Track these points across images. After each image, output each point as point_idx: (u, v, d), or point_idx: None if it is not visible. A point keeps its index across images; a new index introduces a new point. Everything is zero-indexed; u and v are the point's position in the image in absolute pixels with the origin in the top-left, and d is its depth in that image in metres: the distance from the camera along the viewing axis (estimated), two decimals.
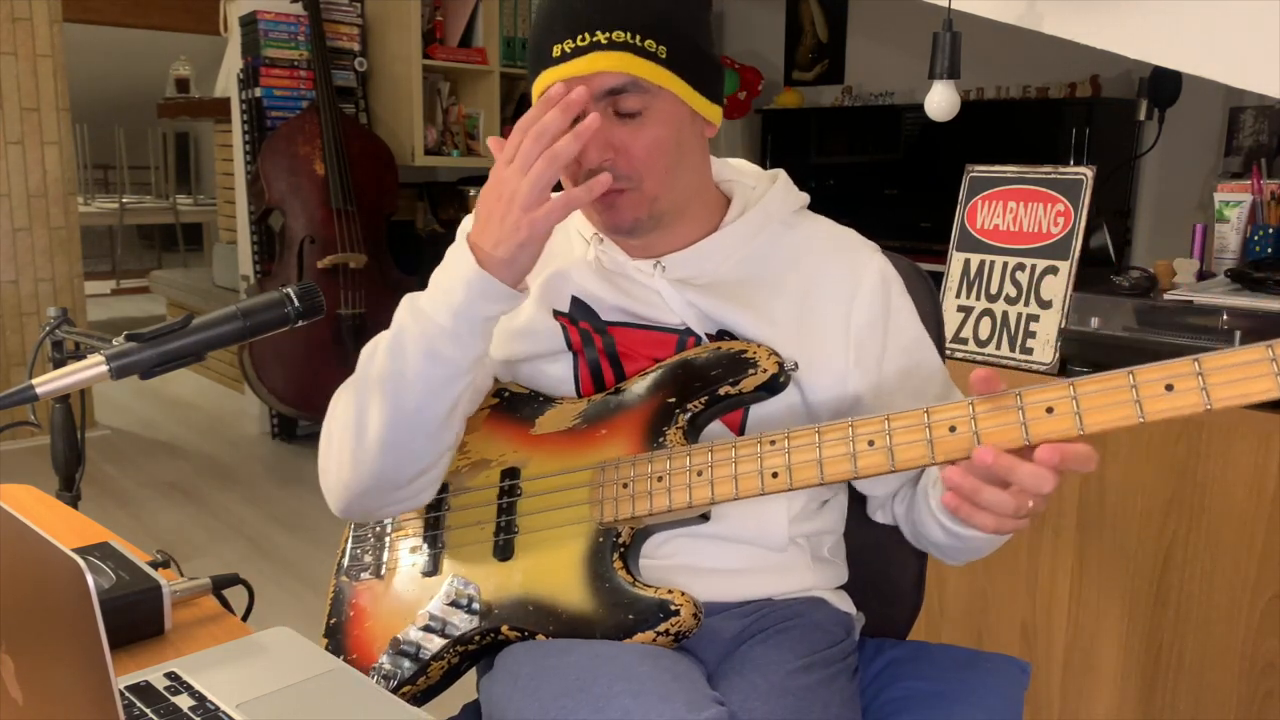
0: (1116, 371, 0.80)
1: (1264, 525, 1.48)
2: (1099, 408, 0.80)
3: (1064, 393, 0.81)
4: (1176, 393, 0.78)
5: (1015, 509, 0.83)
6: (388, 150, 3.88)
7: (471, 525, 1.05)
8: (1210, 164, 3.33)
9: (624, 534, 0.98)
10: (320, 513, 3.36)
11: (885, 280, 1.05)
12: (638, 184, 0.97)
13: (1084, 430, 0.81)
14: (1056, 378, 1.67)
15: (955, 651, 1.15)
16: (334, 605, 1.10)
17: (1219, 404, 0.76)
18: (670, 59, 0.95)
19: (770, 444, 0.93)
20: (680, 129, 0.98)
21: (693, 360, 1.00)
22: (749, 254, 1.05)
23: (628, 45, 0.93)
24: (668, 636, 0.93)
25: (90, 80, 6.65)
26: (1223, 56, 1.63)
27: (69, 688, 0.54)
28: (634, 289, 1.05)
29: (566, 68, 0.94)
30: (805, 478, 0.91)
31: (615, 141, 0.96)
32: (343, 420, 0.99)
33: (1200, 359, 0.77)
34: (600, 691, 0.85)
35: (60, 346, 1.54)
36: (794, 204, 1.09)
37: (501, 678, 0.97)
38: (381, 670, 1.02)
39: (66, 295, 4.03)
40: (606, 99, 0.95)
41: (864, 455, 0.89)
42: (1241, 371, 0.75)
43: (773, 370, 0.97)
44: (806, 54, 4.44)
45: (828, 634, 1.03)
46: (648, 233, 1.02)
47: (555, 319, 1.07)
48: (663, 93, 0.96)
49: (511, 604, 0.99)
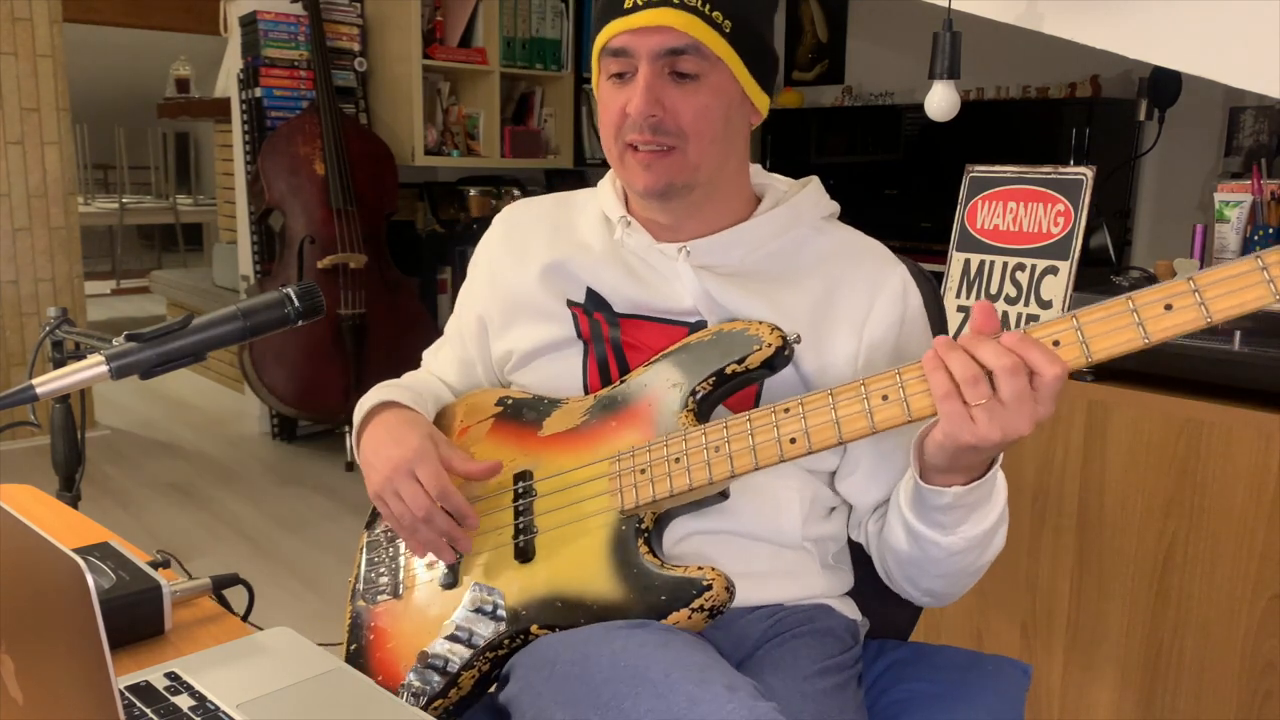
0: (1115, 299, 0.82)
1: (1264, 525, 1.48)
2: (1103, 334, 0.82)
3: (1068, 324, 0.83)
4: (1176, 310, 0.80)
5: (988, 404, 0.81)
6: (388, 150, 3.88)
7: (489, 532, 1.04)
8: (1210, 164, 3.33)
9: (646, 519, 0.97)
10: (320, 513, 3.36)
11: (906, 293, 1.05)
12: (683, 145, 0.99)
13: (1091, 358, 0.82)
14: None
15: (957, 653, 1.14)
16: (352, 631, 1.09)
17: (1218, 315, 0.78)
18: (733, 34, 0.97)
19: (785, 411, 0.92)
20: (730, 105, 1.00)
21: (696, 344, 1.00)
22: (774, 250, 1.06)
23: (696, 10, 0.96)
24: (702, 613, 0.91)
25: (90, 80, 6.65)
26: (1223, 56, 1.63)
27: (69, 688, 0.54)
28: (652, 277, 1.05)
29: (636, 18, 0.96)
30: (823, 439, 0.90)
31: (666, 101, 0.98)
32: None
33: (1194, 276, 0.79)
34: (658, 678, 0.82)
35: (60, 346, 1.54)
36: (824, 210, 1.10)
37: (534, 665, 0.92)
38: (411, 688, 1.00)
39: (66, 295, 4.03)
40: (666, 58, 0.97)
41: (879, 410, 0.88)
42: (1234, 283, 0.78)
43: (776, 344, 0.96)
44: (806, 54, 4.43)
45: (838, 641, 1.03)
46: (679, 199, 1.02)
47: (569, 309, 1.07)
48: (720, 64, 0.98)
49: (539, 603, 0.97)
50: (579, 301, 1.07)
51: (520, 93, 4.40)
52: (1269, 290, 0.77)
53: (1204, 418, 1.53)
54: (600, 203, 1.11)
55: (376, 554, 1.13)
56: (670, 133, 0.98)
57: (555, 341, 1.08)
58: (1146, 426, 1.59)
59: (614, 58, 0.99)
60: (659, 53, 0.96)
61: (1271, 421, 1.46)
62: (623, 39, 0.97)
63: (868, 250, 1.08)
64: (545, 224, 1.14)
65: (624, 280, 1.05)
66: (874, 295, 1.03)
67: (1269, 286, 0.77)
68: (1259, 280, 0.77)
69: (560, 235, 1.12)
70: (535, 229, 1.14)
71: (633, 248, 1.06)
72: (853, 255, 1.07)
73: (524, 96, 4.41)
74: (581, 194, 1.17)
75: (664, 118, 0.98)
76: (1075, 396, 1.65)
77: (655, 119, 0.97)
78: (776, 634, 1.01)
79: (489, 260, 1.16)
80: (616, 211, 1.08)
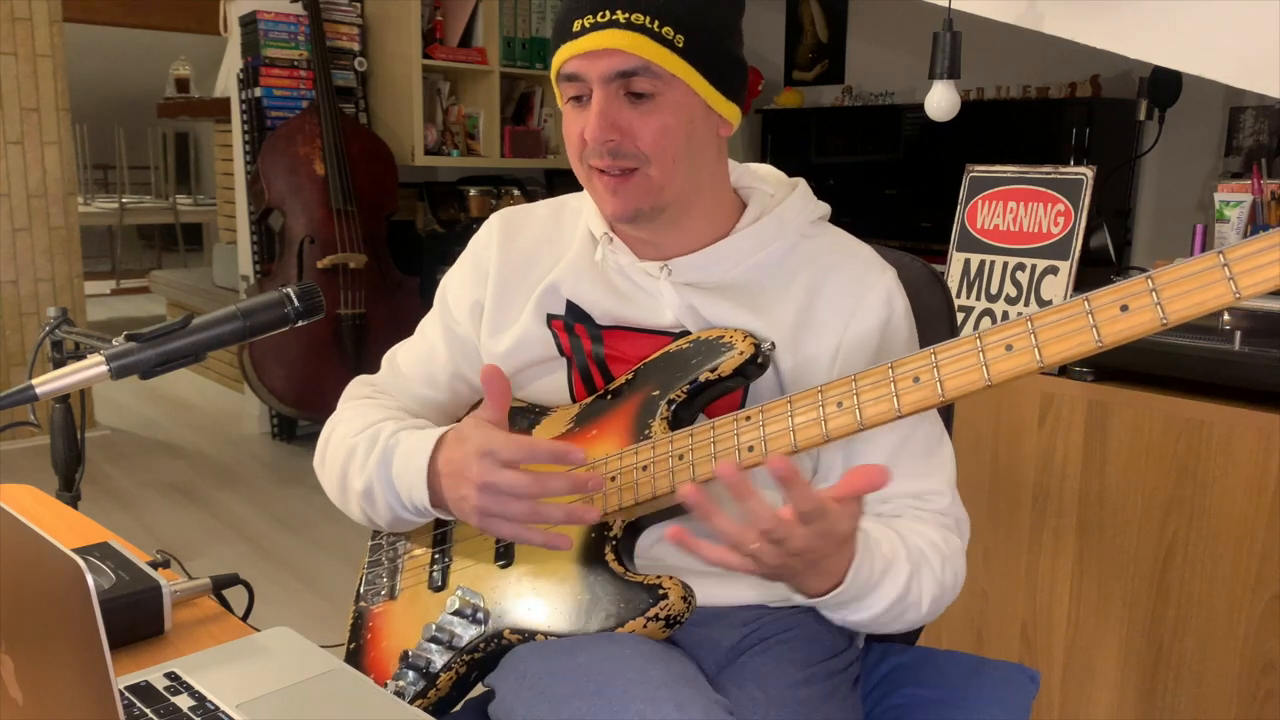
0: (1072, 299, 0.79)
1: (1264, 525, 1.48)
2: (1056, 338, 0.80)
3: (1021, 328, 0.81)
4: (1132, 312, 0.76)
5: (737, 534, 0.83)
6: (388, 150, 3.88)
7: (475, 536, 1.05)
8: (1210, 164, 3.33)
9: (615, 527, 0.98)
10: (320, 513, 3.36)
11: (890, 300, 1.03)
12: (644, 167, 0.97)
13: (1043, 362, 0.81)
14: (1057, 378, 1.67)
15: (962, 658, 1.12)
16: (353, 631, 1.10)
17: (1175, 317, 0.75)
18: (687, 49, 0.94)
19: (745, 420, 0.92)
20: (691, 121, 0.97)
21: (674, 353, 1.01)
22: (759, 261, 1.04)
23: (645, 29, 0.93)
24: (658, 621, 0.92)
25: (90, 80, 6.65)
26: (1223, 56, 1.63)
27: (69, 688, 0.54)
28: (634, 293, 1.05)
29: (584, 41, 0.94)
30: (779, 447, 0.90)
31: (622, 123, 0.95)
32: (333, 472, 1.10)
33: (1153, 274, 0.76)
34: (616, 695, 0.84)
35: (60, 346, 1.54)
36: (812, 214, 1.08)
37: (508, 677, 0.96)
38: (394, 687, 1.02)
39: (66, 295, 4.03)
40: (619, 80, 0.95)
41: (833, 417, 0.88)
42: (1194, 281, 0.74)
43: (749, 351, 0.96)
44: (806, 54, 4.43)
45: (828, 644, 1.02)
46: (650, 222, 1.01)
47: (549, 325, 1.07)
48: (675, 81, 0.95)
49: (512, 607, 0.99)
50: (559, 314, 1.06)
51: (520, 93, 4.40)
52: (1229, 289, 0.73)
53: (1204, 418, 1.53)
54: (585, 218, 1.10)
55: (378, 556, 1.14)
56: (630, 155, 0.96)
57: (538, 360, 1.07)
58: (1146, 426, 1.59)
59: (569, 82, 0.98)
60: (609, 76, 0.94)
61: (1271, 421, 1.46)
62: (574, 64, 0.96)
63: (854, 254, 1.07)
64: (540, 239, 1.12)
65: (606, 296, 1.05)
66: (858, 300, 1.02)
67: (1229, 284, 0.73)
68: (1219, 278, 0.73)
69: (550, 251, 1.11)
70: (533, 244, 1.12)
71: (615, 265, 1.06)
72: (839, 262, 1.05)
73: (524, 96, 4.41)
74: (569, 203, 1.15)
75: (622, 140, 0.96)
76: (1075, 396, 1.66)
77: (613, 143, 0.95)
78: (760, 640, 0.99)
79: (489, 256, 1.13)
80: (599, 228, 1.06)
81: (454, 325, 1.14)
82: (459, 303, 1.14)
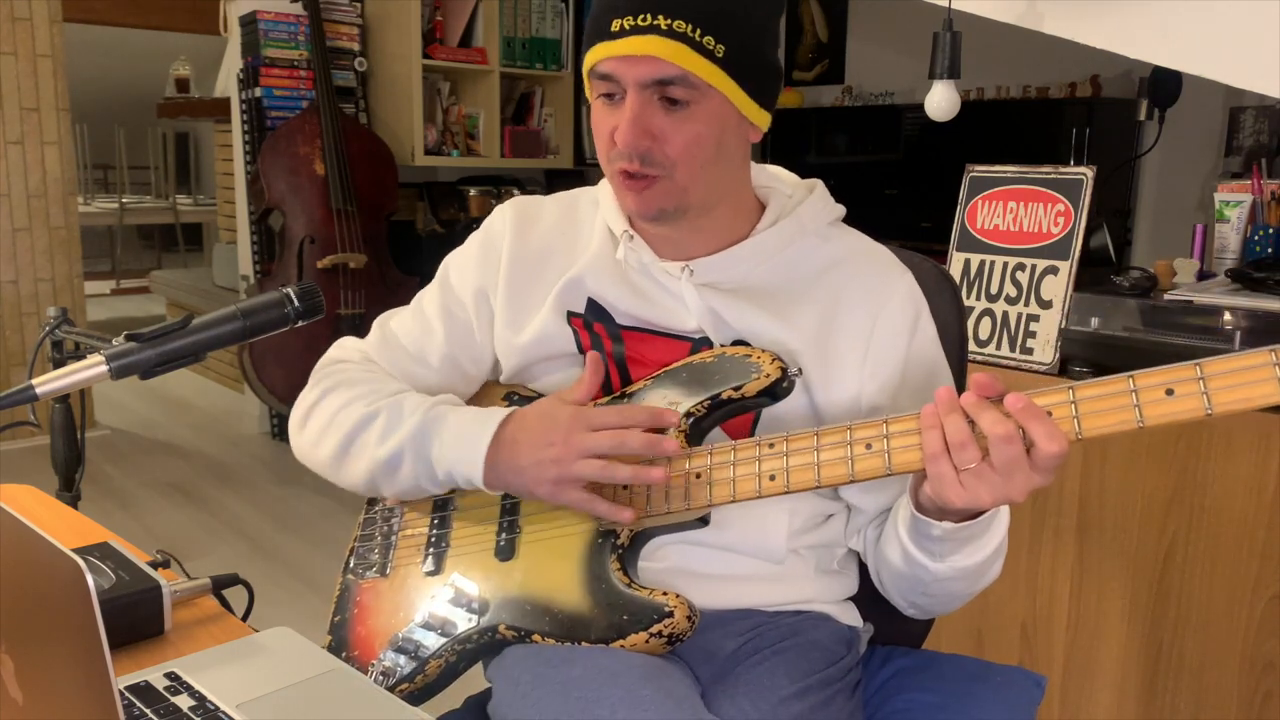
0: (1117, 376, 0.79)
1: (1264, 525, 1.48)
2: (1098, 412, 0.80)
3: (1063, 397, 0.81)
4: (1177, 398, 0.77)
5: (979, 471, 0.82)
6: (388, 150, 3.88)
7: (476, 525, 1.05)
8: (1210, 164, 3.33)
9: (623, 536, 0.97)
10: (320, 513, 3.36)
11: (913, 301, 1.04)
12: (670, 173, 0.96)
13: (1082, 435, 0.81)
14: (1057, 378, 1.67)
15: (966, 662, 1.11)
16: (339, 603, 1.10)
17: (1220, 409, 0.75)
18: (727, 59, 0.93)
19: (769, 447, 0.92)
20: (724, 129, 0.97)
21: (697, 365, 0.99)
22: (779, 262, 1.04)
23: (686, 37, 0.91)
24: (660, 639, 0.92)
25: (90, 80, 6.64)
26: (1223, 56, 1.63)
27: (69, 688, 0.54)
28: (655, 292, 1.04)
29: (623, 44, 0.92)
30: (801, 480, 0.91)
31: (655, 129, 0.94)
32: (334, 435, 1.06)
33: (1202, 364, 0.75)
34: (604, 715, 0.85)
35: (60, 346, 1.54)
36: (829, 215, 1.08)
37: (502, 681, 0.97)
38: (380, 667, 1.02)
39: (66, 295, 4.03)
40: (655, 86, 0.93)
41: (861, 459, 0.88)
42: (1244, 376, 0.74)
43: (775, 375, 0.95)
44: (806, 54, 4.43)
45: (826, 653, 1.01)
46: (672, 222, 1.00)
47: (569, 323, 1.06)
48: (712, 91, 0.94)
49: (510, 603, 0.99)
50: (579, 312, 1.06)
51: (520, 92, 4.40)
52: (1279, 388, 0.72)
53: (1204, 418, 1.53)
54: (604, 213, 1.09)
55: (371, 530, 1.13)
56: (658, 163, 0.95)
57: (555, 355, 1.07)
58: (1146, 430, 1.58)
59: (602, 80, 0.96)
60: (646, 83, 0.93)
61: (1271, 421, 1.46)
62: (610, 64, 0.94)
63: (873, 258, 1.07)
64: (555, 231, 1.11)
65: (627, 295, 1.04)
66: (882, 302, 1.02)
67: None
68: (1270, 376, 0.73)
69: (567, 244, 1.10)
70: (548, 236, 1.11)
71: (636, 264, 1.05)
72: (859, 264, 1.05)
73: (524, 96, 4.41)
74: (583, 198, 1.13)
75: (652, 146, 0.94)
76: None
77: (644, 148, 0.95)
78: (756, 650, 0.99)
79: (503, 244, 1.10)
80: (619, 226, 1.06)
81: (454, 307, 1.12)
82: (463, 285, 1.12)
